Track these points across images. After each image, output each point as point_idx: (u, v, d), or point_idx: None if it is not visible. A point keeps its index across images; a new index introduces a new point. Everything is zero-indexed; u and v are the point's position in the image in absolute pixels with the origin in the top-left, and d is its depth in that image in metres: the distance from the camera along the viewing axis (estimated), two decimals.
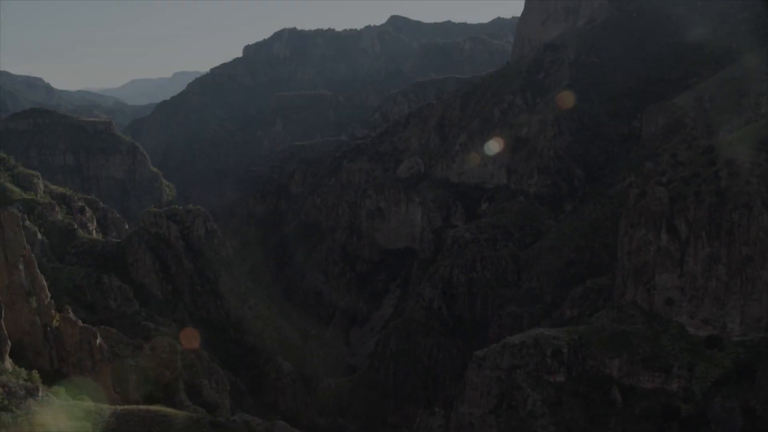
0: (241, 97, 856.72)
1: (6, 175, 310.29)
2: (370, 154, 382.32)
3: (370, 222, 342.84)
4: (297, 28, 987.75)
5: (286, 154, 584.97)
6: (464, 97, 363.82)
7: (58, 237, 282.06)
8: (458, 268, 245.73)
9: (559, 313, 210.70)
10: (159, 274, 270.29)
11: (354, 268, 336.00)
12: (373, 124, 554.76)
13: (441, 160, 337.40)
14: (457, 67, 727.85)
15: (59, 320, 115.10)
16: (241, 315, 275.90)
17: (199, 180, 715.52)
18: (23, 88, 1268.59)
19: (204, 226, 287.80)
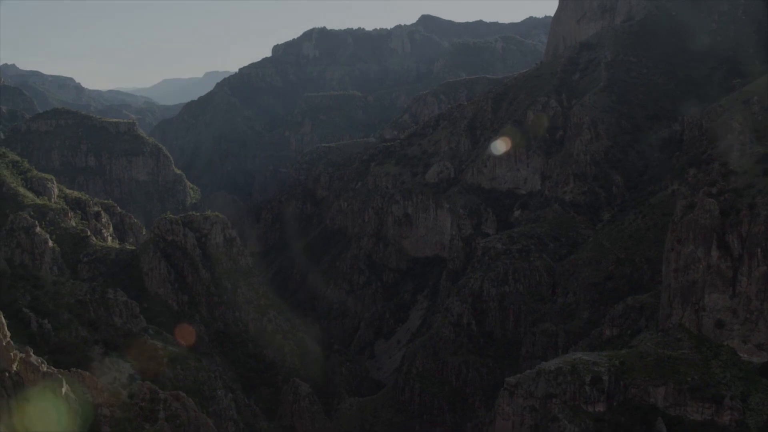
0: (269, 97, 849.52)
1: (19, 179, 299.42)
2: (398, 157, 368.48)
3: (397, 229, 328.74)
4: (326, 28, 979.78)
5: (314, 156, 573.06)
6: (496, 99, 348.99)
7: (70, 244, 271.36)
8: (489, 281, 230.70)
9: (598, 332, 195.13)
10: (174, 284, 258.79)
11: (380, 277, 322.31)
12: (402, 125, 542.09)
13: (471, 165, 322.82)
14: (489, 67, 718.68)
15: (20, 364, 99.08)
16: (260, 328, 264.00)
17: (226, 181, 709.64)
18: (54, 88, 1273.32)
19: (222, 233, 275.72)
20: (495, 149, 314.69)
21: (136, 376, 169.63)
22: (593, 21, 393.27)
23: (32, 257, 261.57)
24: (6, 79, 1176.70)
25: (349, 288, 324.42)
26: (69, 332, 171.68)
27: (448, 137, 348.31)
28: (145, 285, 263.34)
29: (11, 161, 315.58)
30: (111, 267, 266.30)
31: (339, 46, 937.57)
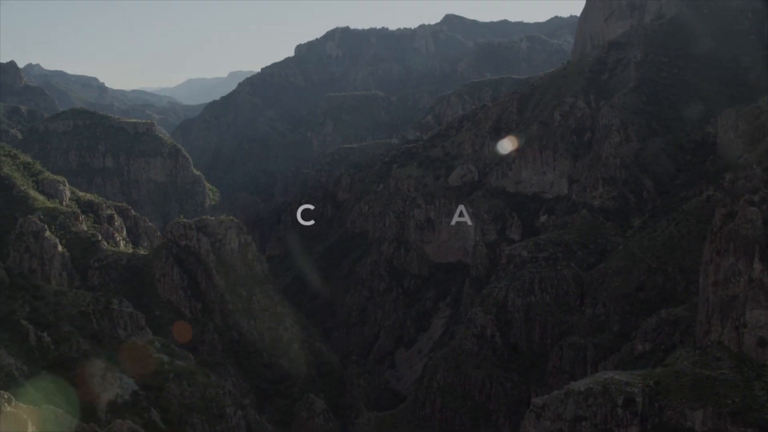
0: (292, 97, 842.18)
1: (30, 182, 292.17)
2: (420, 159, 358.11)
3: (418, 234, 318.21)
4: (350, 27, 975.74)
5: (335, 157, 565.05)
6: (522, 99, 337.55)
7: (80, 249, 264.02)
8: (514, 290, 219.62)
9: (629, 347, 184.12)
10: (187, 291, 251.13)
11: (401, 283, 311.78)
12: (425, 126, 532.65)
13: (496, 168, 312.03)
14: (514, 67, 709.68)
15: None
16: (275, 337, 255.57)
17: (248, 181, 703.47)
18: (77, 88, 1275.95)
19: (237, 238, 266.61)
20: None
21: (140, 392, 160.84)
22: (621, 20, 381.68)
23: (41, 262, 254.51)
24: (30, 78, 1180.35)
25: (368, 294, 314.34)
26: (69, 345, 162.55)
27: (471, 139, 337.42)
28: (157, 291, 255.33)
29: (22, 163, 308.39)
30: (122, 273, 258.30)
31: (362, 45, 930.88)
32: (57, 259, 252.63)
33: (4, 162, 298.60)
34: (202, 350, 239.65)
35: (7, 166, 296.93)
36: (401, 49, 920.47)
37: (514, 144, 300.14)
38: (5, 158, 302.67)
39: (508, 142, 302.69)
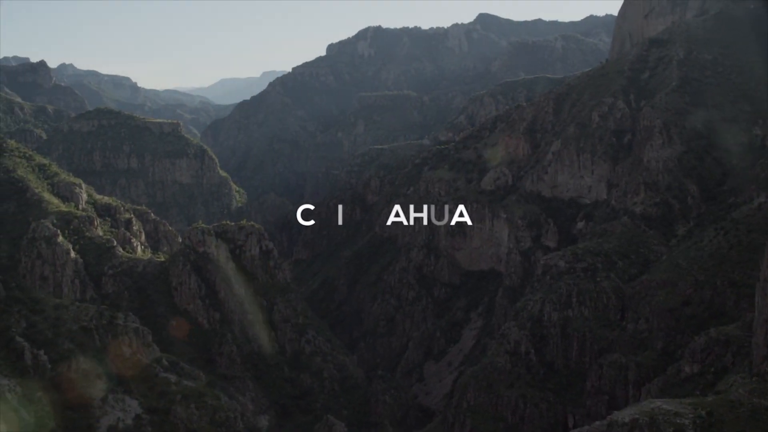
0: (323, 97, 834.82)
1: (45, 184, 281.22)
2: (452, 162, 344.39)
3: (449, 240, 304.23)
4: (382, 27, 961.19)
5: (365, 158, 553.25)
6: (558, 99, 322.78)
7: (94, 255, 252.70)
8: (550, 304, 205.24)
9: (675, 369, 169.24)
10: (205, 300, 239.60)
11: (430, 292, 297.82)
12: (457, 126, 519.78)
13: (531, 171, 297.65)
14: (548, 67, 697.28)
15: None
16: (297, 349, 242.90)
17: (278, 182, 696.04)
18: (109, 88, 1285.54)
19: (258, 245, 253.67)
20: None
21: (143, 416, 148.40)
22: (662, 16, 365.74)
23: (53, 269, 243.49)
24: (63, 78, 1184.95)
25: (396, 303, 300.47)
26: (68, 365, 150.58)
27: (505, 141, 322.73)
28: (173, 301, 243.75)
29: (38, 165, 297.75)
30: (137, 280, 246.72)
31: (394, 45, 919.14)
32: (69, 266, 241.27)
33: (18, 164, 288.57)
34: (219, 363, 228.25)
35: (22, 167, 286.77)
36: (434, 49, 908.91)
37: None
38: (20, 160, 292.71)
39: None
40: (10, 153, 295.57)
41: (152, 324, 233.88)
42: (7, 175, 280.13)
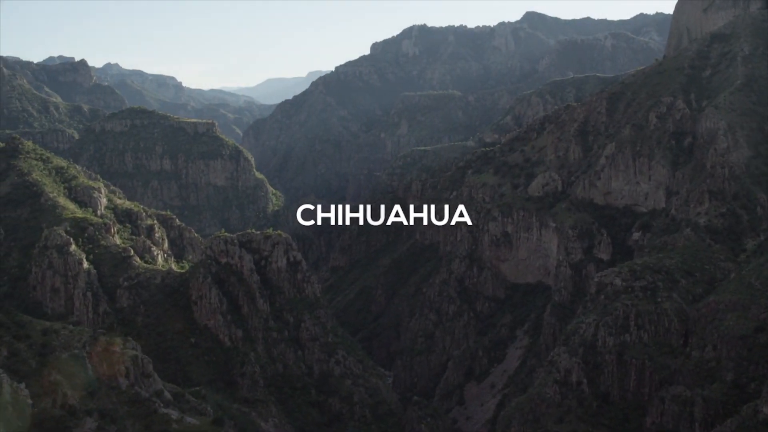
0: (366, 97, 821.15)
1: (61, 188, 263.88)
2: (497, 165, 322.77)
3: (494, 250, 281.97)
4: (427, 25, 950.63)
5: (407, 160, 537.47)
6: (611, 99, 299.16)
7: (110, 265, 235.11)
8: (605, 327, 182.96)
9: (751, 409, 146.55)
10: (227, 316, 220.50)
11: (473, 306, 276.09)
12: (503, 127, 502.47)
13: (583, 176, 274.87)
14: (597, 66, 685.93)
15: None
16: (326, 371, 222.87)
17: (319, 184, 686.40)
18: (153, 87, 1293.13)
19: (285, 256, 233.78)
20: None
21: None
22: (724, 9, 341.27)
23: (65, 280, 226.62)
24: (107, 77, 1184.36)
25: (436, 319, 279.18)
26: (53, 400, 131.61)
27: (555, 143, 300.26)
28: (194, 316, 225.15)
29: (55, 167, 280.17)
30: (155, 294, 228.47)
31: (440, 44, 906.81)
32: (82, 278, 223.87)
33: (34, 166, 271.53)
34: (241, 384, 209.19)
35: (37, 170, 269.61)
36: (480, 48, 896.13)
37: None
38: (36, 162, 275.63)
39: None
40: (26, 155, 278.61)
41: (169, 341, 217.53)
42: (22, 178, 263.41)
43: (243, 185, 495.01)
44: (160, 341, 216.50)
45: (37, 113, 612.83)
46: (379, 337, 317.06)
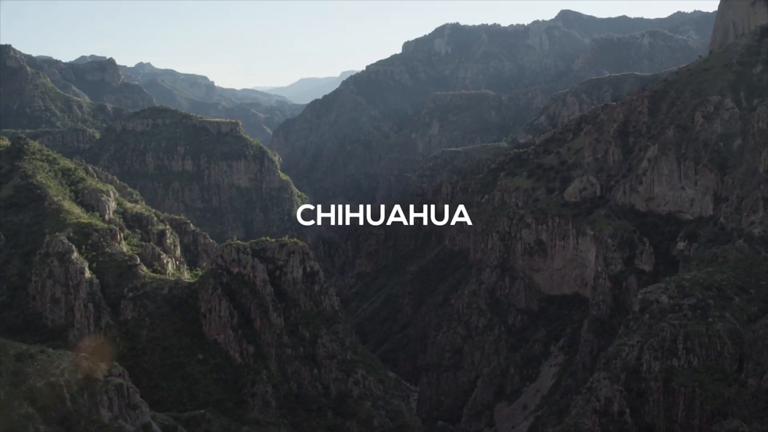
0: (397, 96, 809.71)
1: (67, 191, 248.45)
2: (531, 168, 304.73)
3: (527, 259, 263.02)
4: (460, 24, 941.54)
5: (438, 161, 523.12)
6: (654, 98, 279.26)
7: (114, 274, 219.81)
8: (650, 351, 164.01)
9: None
10: (238, 330, 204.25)
11: (504, 319, 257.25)
12: (537, 128, 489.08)
13: (623, 181, 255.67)
14: (634, 65, 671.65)
15: None
16: (343, 391, 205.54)
17: (349, 185, 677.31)
18: (184, 87, 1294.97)
19: (302, 266, 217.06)
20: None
21: None
22: None
23: (65, 291, 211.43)
24: (138, 77, 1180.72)
25: (465, 332, 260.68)
26: None
27: (593, 145, 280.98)
28: (202, 330, 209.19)
29: (61, 169, 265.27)
30: (161, 305, 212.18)
31: (472, 42, 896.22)
32: (83, 288, 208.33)
33: (39, 167, 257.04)
34: (252, 405, 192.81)
35: (42, 172, 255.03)
36: (513, 46, 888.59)
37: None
38: (42, 163, 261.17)
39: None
40: (31, 156, 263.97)
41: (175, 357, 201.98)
42: (25, 180, 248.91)
43: (267, 187, 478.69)
44: (166, 357, 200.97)
45: (60, 112, 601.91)
46: (405, 348, 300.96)
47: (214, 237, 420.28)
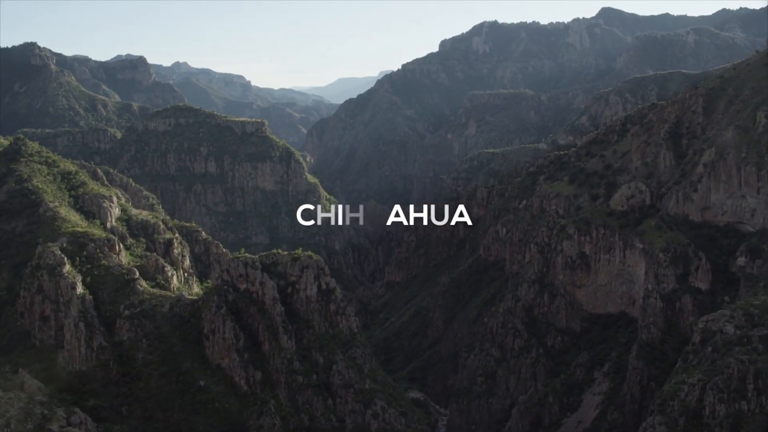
0: (434, 96, 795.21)
1: (66, 197, 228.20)
2: (573, 173, 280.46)
3: (569, 274, 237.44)
4: (498, 22, 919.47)
5: (474, 164, 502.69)
6: (709, 96, 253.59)
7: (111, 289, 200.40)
8: (714, 391, 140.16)
9: None
10: (244, 355, 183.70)
11: (543, 341, 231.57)
12: (579, 129, 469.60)
13: (676, 188, 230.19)
14: (679, 63, 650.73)
15: None
16: (361, 425, 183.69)
17: (383, 187, 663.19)
18: (220, 86, 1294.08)
19: (316, 282, 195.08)
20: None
21: None
22: None
23: (56, 308, 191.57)
24: (174, 76, 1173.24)
25: (499, 355, 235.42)
26: None
27: (641, 148, 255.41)
28: (205, 353, 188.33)
29: (61, 172, 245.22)
30: (161, 324, 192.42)
31: (511, 41, 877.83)
32: (74, 304, 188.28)
33: (36, 171, 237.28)
34: None
35: (40, 176, 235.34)
36: (553, 45, 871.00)
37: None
38: (40, 166, 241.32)
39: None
40: (29, 158, 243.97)
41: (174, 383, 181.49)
42: (20, 185, 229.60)
43: (294, 190, 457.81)
44: (163, 384, 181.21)
45: (84, 111, 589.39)
46: (435, 367, 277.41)
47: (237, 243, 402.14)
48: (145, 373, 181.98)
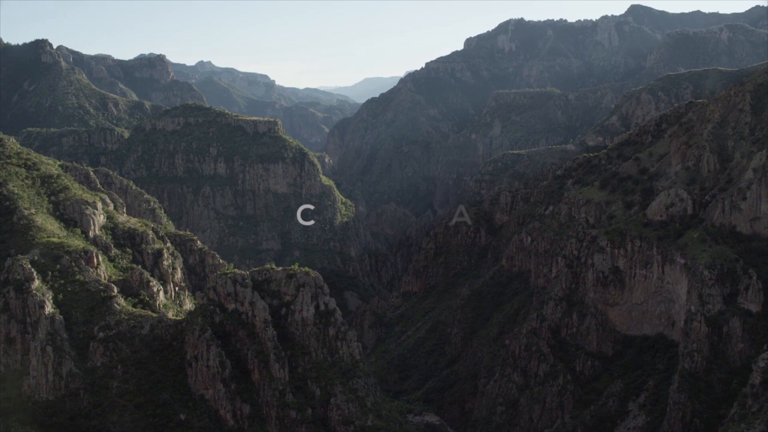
0: (458, 95, 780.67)
1: (45, 203, 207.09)
2: (604, 177, 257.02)
3: (600, 291, 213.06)
4: (524, 19, 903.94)
5: (498, 165, 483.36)
6: (758, 93, 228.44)
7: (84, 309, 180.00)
8: None
9: None
10: (230, 385, 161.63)
11: (571, 366, 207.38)
12: (608, 129, 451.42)
13: (721, 196, 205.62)
14: (712, 61, 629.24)
15: None
16: None
17: (405, 188, 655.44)
18: (243, 85, 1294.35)
19: (314, 303, 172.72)
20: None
21: None
22: None
23: (22, 328, 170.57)
24: (197, 75, 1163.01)
25: (522, 381, 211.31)
26: None
27: (681, 150, 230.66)
28: (187, 382, 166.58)
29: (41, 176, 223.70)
30: (139, 349, 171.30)
31: (537, 39, 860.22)
32: (42, 326, 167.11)
33: (14, 174, 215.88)
34: None
35: (17, 179, 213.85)
36: (581, 43, 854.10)
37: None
38: (18, 169, 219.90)
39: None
40: (6, 159, 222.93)
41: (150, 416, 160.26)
42: None
43: (307, 193, 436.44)
44: (138, 417, 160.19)
45: (95, 110, 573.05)
46: (453, 389, 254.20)
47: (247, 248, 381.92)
48: (119, 404, 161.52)
